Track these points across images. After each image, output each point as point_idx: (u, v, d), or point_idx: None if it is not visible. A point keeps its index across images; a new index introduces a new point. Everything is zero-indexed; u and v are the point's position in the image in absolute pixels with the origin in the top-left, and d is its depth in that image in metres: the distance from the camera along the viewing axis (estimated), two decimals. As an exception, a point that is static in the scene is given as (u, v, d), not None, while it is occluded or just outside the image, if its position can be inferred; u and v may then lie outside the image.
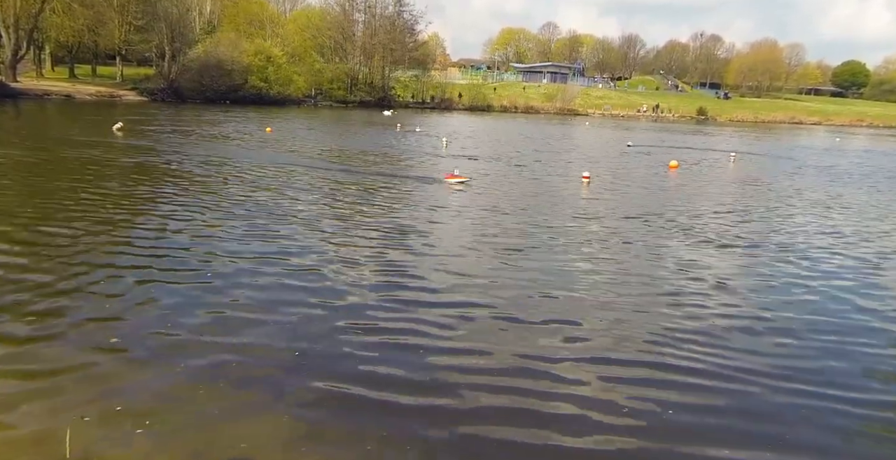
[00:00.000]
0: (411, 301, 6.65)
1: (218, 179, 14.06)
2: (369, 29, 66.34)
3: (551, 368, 5.25)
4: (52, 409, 4.22)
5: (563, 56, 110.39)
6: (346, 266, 7.82)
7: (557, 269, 8.15)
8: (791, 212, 13.54)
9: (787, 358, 5.70)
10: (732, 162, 25.02)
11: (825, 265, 9.07)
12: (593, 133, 42.72)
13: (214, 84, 49.07)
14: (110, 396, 4.43)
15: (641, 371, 5.29)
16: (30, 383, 4.55)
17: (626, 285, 7.61)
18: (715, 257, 9.24)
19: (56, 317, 5.71)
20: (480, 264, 8.23)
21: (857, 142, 46.91)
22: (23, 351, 5.04)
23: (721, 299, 7.27)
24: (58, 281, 6.63)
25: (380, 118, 44.05)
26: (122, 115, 27.97)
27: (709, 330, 6.26)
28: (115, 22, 51.39)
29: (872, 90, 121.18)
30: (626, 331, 6.13)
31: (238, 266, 7.52)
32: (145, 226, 9.29)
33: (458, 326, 6.03)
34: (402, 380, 4.91)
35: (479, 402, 4.65)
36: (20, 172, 13.67)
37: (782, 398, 4.95)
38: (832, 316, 6.94)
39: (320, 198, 12.41)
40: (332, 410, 4.43)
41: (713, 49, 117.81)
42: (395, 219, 10.72)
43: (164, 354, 5.10)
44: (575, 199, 14.26)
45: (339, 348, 5.41)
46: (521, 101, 71.89)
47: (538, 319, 6.32)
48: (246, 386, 4.68)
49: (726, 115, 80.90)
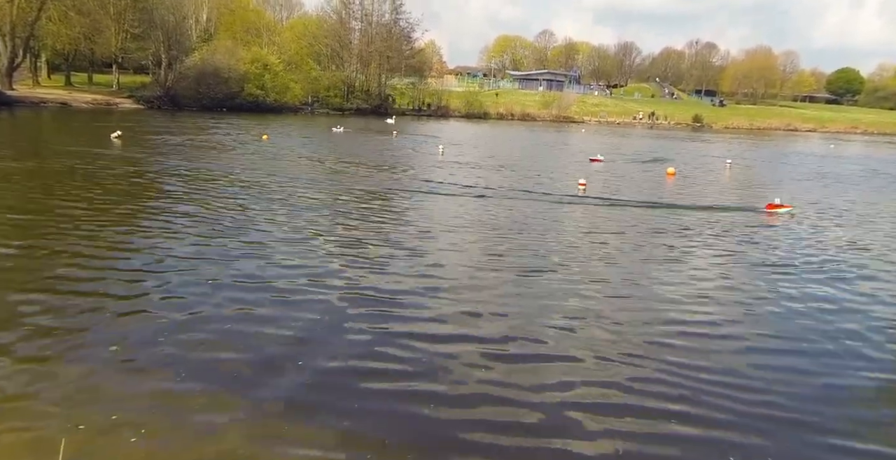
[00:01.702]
0: (409, 317, 6.65)
1: (215, 190, 14.04)
2: (366, 37, 66.53)
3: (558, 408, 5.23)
4: (46, 418, 4.20)
5: (559, 63, 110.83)
6: (343, 277, 7.81)
7: (560, 289, 8.15)
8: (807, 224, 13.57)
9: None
10: (728, 169, 25.14)
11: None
12: (589, 140, 42.84)
13: (211, 92, 49.09)
14: (106, 405, 4.40)
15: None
16: (25, 392, 4.52)
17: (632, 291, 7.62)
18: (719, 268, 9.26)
19: (53, 326, 5.69)
20: (484, 279, 8.24)
21: (853, 149, 47.15)
22: (19, 360, 5.01)
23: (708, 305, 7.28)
24: (53, 291, 6.61)
25: (376, 125, 44.15)
26: (118, 123, 27.93)
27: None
28: (111, 30, 51.40)
29: (867, 97, 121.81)
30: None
31: (237, 276, 7.51)
32: (142, 237, 9.29)
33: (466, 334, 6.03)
34: (403, 392, 4.90)
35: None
36: (16, 181, 13.63)
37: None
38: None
39: (315, 210, 12.42)
40: (330, 418, 4.41)
41: (708, 56, 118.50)
42: (392, 230, 10.72)
43: (161, 363, 5.08)
44: (572, 205, 14.26)
45: (337, 359, 5.40)
46: (517, 108, 72.07)
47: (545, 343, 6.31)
48: (242, 395, 4.66)
49: (722, 122, 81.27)
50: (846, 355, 6.07)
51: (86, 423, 4.15)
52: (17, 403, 4.37)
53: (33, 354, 5.11)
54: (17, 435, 3.99)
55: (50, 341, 5.37)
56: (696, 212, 13.97)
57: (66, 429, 4.04)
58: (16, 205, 11.07)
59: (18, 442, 3.94)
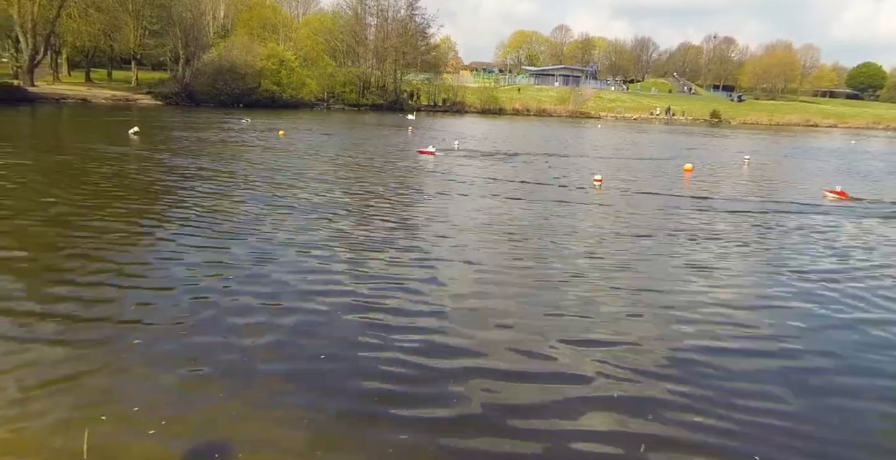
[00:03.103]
0: (426, 311, 6.66)
1: (236, 186, 14.14)
2: (381, 32, 66.65)
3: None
4: (70, 409, 4.27)
5: (575, 59, 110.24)
6: (360, 272, 7.85)
7: (576, 292, 8.12)
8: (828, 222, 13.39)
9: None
10: (745, 165, 24.84)
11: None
12: (608, 135, 42.57)
13: (228, 88, 49.44)
14: (128, 397, 4.47)
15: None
16: (50, 383, 4.60)
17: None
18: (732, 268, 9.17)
19: (78, 318, 5.78)
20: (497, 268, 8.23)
21: (877, 145, 46.36)
22: (44, 351, 5.09)
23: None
24: (78, 284, 6.71)
25: (391, 120, 44.22)
26: (136, 119, 28.21)
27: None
28: (130, 26, 51.98)
29: (889, 92, 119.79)
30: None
31: (259, 271, 7.56)
32: (162, 233, 9.39)
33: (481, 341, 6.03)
34: (413, 391, 4.92)
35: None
36: (40, 177, 13.84)
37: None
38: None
39: (326, 208, 12.48)
40: (349, 417, 4.44)
41: (726, 51, 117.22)
42: (403, 232, 10.74)
43: (184, 357, 5.14)
44: (587, 202, 14.19)
45: (354, 356, 5.42)
46: (533, 104, 71.78)
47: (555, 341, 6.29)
48: (264, 390, 4.69)
49: (740, 117, 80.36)
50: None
51: (108, 414, 4.21)
52: (40, 393, 4.44)
53: (57, 346, 5.19)
54: (41, 425, 4.06)
55: (74, 333, 5.45)
56: (719, 211, 13.83)
57: (90, 420, 4.11)
58: (28, 200, 11.24)
59: (42, 432, 4.00)
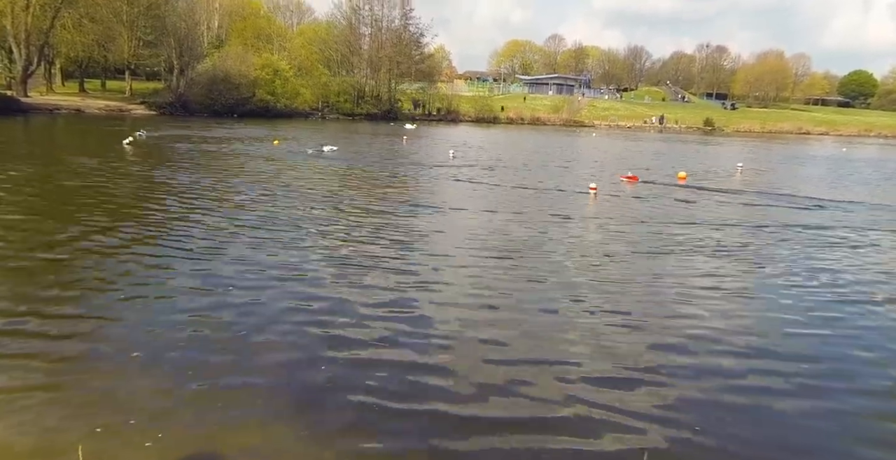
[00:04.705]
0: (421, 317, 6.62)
1: (229, 196, 14.09)
2: (376, 42, 66.90)
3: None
4: (65, 421, 4.19)
5: (569, 68, 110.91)
6: (353, 281, 7.81)
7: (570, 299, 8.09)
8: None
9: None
10: (739, 173, 24.93)
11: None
12: (601, 143, 42.72)
13: (222, 97, 49.49)
14: (124, 409, 4.39)
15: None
16: (44, 395, 4.52)
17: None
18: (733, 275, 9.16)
19: (72, 331, 5.68)
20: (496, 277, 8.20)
21: (868, 152, 46.69)
22: (38, 363, 5.01)
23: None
24: (72, 296, 6.63)
25: (384, 129, 44.27)
26: (130, 129, 28.14)
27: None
28: (124, 37, 51.99)
29: (880, 100, 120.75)
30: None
31: (253, 282, 7.49)
32: (155, 243, 9.30)
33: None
34: (410, 394, 4.87)
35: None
36: (28, 188, 13.76)
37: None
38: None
39: (327, 219, 12.44)
40: (349, 430, 4.38)
41: (719, 60, 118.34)
42: (399, 247, 10.71)
43: (181, 369, 5.05)
44: (583, 210, 14.20)
45: (353, 370, 5.37)
46: (527, 112, 72.11)
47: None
48: (263, 403, 4.63)
49: (733, 125, 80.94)
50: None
51: (103, 427, 4.14)
52: (35, 406, 4.36)
53: (52, 357, 5.11)
54: (36, 439, 3.98)
55: (68, 345, 5.37)
56: (713, 222, 13.86)
57: (85, 433, 4.03)
58: (25, 209, 11.15)
59: (36, 445, 3.93)
